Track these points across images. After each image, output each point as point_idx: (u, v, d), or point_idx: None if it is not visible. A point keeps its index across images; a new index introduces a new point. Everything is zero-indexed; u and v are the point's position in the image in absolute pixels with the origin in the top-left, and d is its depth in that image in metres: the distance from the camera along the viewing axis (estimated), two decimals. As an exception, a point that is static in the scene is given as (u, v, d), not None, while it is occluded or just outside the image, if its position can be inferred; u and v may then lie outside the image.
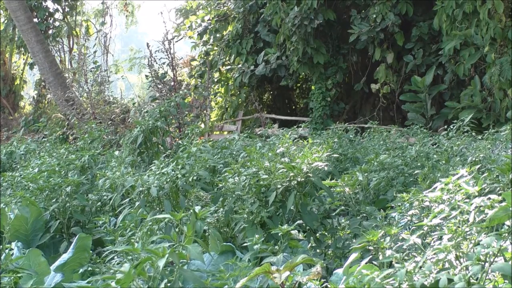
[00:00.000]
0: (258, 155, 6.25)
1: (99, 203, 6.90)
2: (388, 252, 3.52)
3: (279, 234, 4.55)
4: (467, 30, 15.45)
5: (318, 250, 5.56)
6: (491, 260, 2.93)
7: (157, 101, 15.03)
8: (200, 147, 7.04)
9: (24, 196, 6.60)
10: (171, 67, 16.09)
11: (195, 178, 5.97)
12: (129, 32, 35.55)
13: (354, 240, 5.33)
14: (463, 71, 16.11)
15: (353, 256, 3.60)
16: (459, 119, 10.11)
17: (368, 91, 19.29)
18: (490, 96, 15.65)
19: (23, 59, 28.10)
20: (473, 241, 3.12)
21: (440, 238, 3.32)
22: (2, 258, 4.33)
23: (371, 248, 3.65)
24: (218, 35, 23.02)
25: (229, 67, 22.32)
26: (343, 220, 5.98)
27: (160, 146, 9.00)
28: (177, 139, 11.90)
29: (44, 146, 11.38)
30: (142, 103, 16.77)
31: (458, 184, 3.51)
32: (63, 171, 7.33)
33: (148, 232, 4.70)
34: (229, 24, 22.80)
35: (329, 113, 19.24)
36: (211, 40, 23.36)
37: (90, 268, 5.09)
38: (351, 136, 10.94)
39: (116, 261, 4.66)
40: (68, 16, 26.94)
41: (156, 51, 16.24)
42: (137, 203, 5.83)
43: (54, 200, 6.67)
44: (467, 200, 3.34)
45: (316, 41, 18.61)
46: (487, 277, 2.96)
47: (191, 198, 6.40)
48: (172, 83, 15.67)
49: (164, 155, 8.45)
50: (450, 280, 2.94)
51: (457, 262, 3.11)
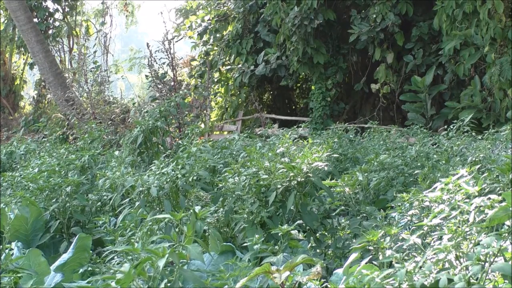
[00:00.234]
0: (258, 155, 6.25)
1: (99, 203, 6.90)
2: (388, 252, 3.52)
3: (279, 234, 4.55)
4: (467, 30, 15.45)
5: (318, 250, 5.55)
6: (491, 260, 2.93)
7: (157, 101, 15.03)
8: (200, 147, 7.04)
9: (24, 196, 6.60)
10: (171, 67, 16.08)
11: (195, 178, 5.97)
12: (129, 32, 35.56)
13: (354, 240, 5.33)
14: (463, 71, 16.11)
15: (353, 256, 3.60)
16: (459, 119, 10.11)
17: (368, 91, 19.29)
18: (490, 96, 15.65)
19: (23, 59, 28.10)
20: (473, 241, 3.12)
21: (440, 238, 3.32)
22: (2, 258, 4.33)
23: (371, 248, 3.65)
24: (218, 35, 23.02)
25: (229, 67, 22.31)
26: (343, 220, 5.97)
27: (160, 146, 9.00)
28: (177, 139, 11.89)
29: (44, 146, 11.38)
30: (142, 103, 16.76)
31: (458, 184, 3.51)
32: (63, 171, 7.33)
33: (148, 232, 4.70)
34: (229, 24, 22.80)
35: (329, 113, 19.24)
36: (211, 40, 23.36)
37: (90, 268, 5.09)
38: (351, 136, 10.94)
39: (116, 261, 4.66)
40: (68, 16, 26.94)
41: (156, 51, 16.23)
42: (137, 203, 5.83)
43: (54, 200, 6.67)
44: (467, 200, 3.34)
45: (316, 41, 18.61)
46: (487, 277, 2.96)
47: (191, 198, 6.40)
48: (172, 83, 15.66)
49: (164, 155, 8.44)
50: (450, 280, 2.94)
51: (457, 262, 3.11)
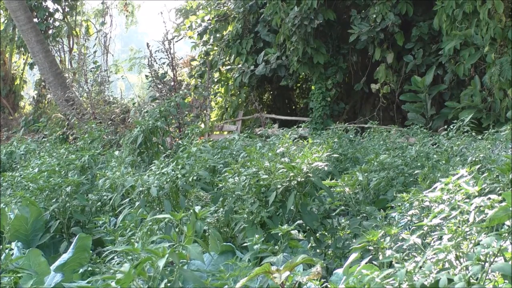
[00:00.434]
0: (258, 155, 6.25)
1: (99, 203, 6.90)
2: (388, 252, 3.52)
3: (279, 234, 4.55)
4: (467, 30, 15.45)
5: (318, 250, 5.55)
6: (491, 260, 2.93)
7: (157, 101, 15.02)
8: (200, 147, 7.04)
9: (24, 196, 6.59)
10: (171, 67, 16.08)
11: (195, 178, 5.97)
12: (129, 32, 35.55)
13: (354, 240, 5.33)
14: (463, 71, 16.11)
15: (353, 256, 3.60)
16: (459, 119, 10.11)
17: (368, 91, 19.28)
18: (490, 96, 15.65)
19: (23, 59, 28.10)
20: (473, 241, 3.12)
21: (440, 238, 3.31)
22: (2, 258, 4.33)
23: (371, 248, 3.65)
24: (218, 35, 23.02)
25: (229, 67, 22.31)
26: (343, 220, 5.97)
27: (160, 146, 9.00)
28: (177, 139, 11.89)
29: (44, 146, 11.38)
30: (142, 103, 16.76)
31: (458, 184, 3.51)
32: (63, 171, 7.33)
33: (148, 232, 4.70)
34: (229, 24, 22.80)
35: (329, 113, 19.24)
36: (211, 40, 23.36)
37: (90, 268, 5.09)
38: (351, 136, 10.94)
39: (116, 261, 4.66)
40: (68, 16, 26.94)
41: (156, 51, 16.23)
42: (137, 203, 5.83)
43: (54, 200, 6.67)
44: (467, 200, 3.34)
45: (316, 41, 18.61)
46: (487, 277, 2.95)
47: (191, 198, 6.40)
48: (172, 83, 15.66)
49: (164, 155, 8.44)
50: (450, 280, 2.94)
51: (457, 262, 3.11)
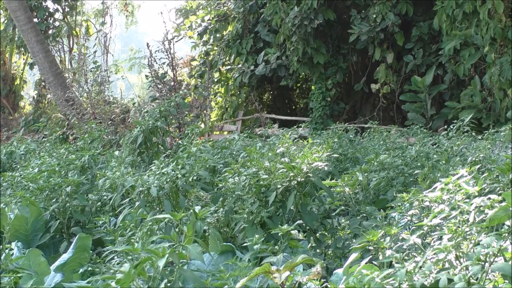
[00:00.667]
0: (258, 155, 6.25)
1: (99, 203, 6.90)
2: (388, 252, 3.52)
3: (279, 234, 4.55)
4: (467, 30, 15.45)
5: (318, 250, 5.55)
6: (491, 260, 2.93)
7: (157, 101, 15.02)
8: (200, 147, 7.04)
9: (24, 196, 6.59)
10: (171, 67, 16.07)
11: (195, 178, 5.97)
12: (129, 32, 35.55)
13: (354, 240, 5.33)
14: (463, 71, 16.10)
15: (353, 256, 3.60)
16: (459, 119, 10.11)
17: (368, 91, 19.28)
18: (490, 96, 15.65)
19: (23, 59, 28.10)
20: (473, 241, 3.12)
21: (440, 238, 3.31)
22: (2, 258, 4.33)
23: (371, 248, 3.65)
24: (218, 35, 23.02)
25: (229, 67, 22.31)
26: (343, 220, 5.97)
27: (160, 146, 9.00)
28: (177, 139, 11.89)
29: (44, 146, 11.38)
30: (142, 103, 16.76)
31: (458, 184, 3.51)
32: (63, 171, 7.33)
33: (148, 232, 4.70)
34: (229, 24, 22.80)
35: (329, 113, 19.24)
36: (211, 40, 23.36)
37: (90, 268, 5.09)
38: (351, 136, 10.93)
39: (116, 261, 4.66)
40: (68, 16, 26.94)
41: (156, 51, 16.23)
42: (137, 203, 5.83)
43: (54, 200, 6.67)
44: (467, 200, 3.34)
45: (316, 41, 18.61)
46: (487, 277, 2.95)
47: (191, 198, 6.40)
48: (172, 83, 15.66)
49: (164, 155, 8.44)
50: (450, 280, 2.94)
51: (457, 262, 3.11)
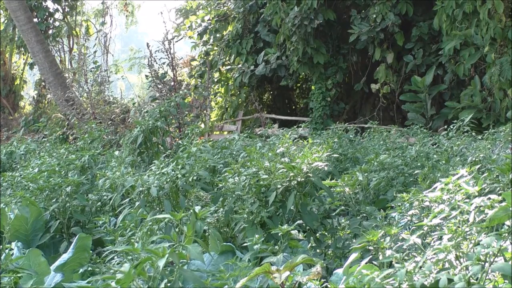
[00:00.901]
0: (258, 155, 6.25)
1: (99, 203, 6.90)
2: (388, 252, 3.52)
3: (279, 234, 4.54)
4: (467, 30, 15.44)
5: (318, 250, 5.55)
6: (491, 260, 2.93)
7: (157, 101, 15.02)
8: (200, 147, 7.04)
9: (24, 196, 6.59)
10: (171, 67, 16.07)
11: (195, 178, 5.97)
12: (129, 32, 35.55)
13: (354, 240, 5.33)
14: (463, 71, 16.10)
15: (353, 256, 3.60)
16: (459, 119, 10.11)
17: (368, 91, 19.28)
18: (490, 96, 15.65)
19: (23, 59, 28.10)
20: (473, 241, 3.12)
21: (440, 238, 3.31)
22: (2, 258, 4.33)
23: (371, 248, 3.65)
24: (218, 35, 23.02)
25: (229, 67, 22.31)
26: (343, 220, 5.97)
27: (160, 146, 9.00)
28: (177, 139, 11.89)
29: (44, 146, 11.38)
30: (142, 103, 16.76)
31: (458, 184, 3.51)
32: (63, 171, 7.33)
33: (148, 232, 4.70)
34: (229, 24, 22.80)
35: (329, 113, 19.24)
36: (211, 40, 23.35)
37: (90, 268, 5.09)
38: (351, 136, 10.93)
39: (116, 261, 4.66)
40: (68, 16, 26.94)
41: (156, 51, 16.23)
42: (137, 203, 5.83)
43: (54, 200, 6.67)
44: (467, 200, 3.34)
45: (316, 41, 18.61)
46: (487, 277, 2.95)
47: (191, 198, 6.40)
48: (172, 83, 15.66)
49: (164, 155, 8.44)
50: (450, 280, 2.94)
51: (457, 262, 3.10)
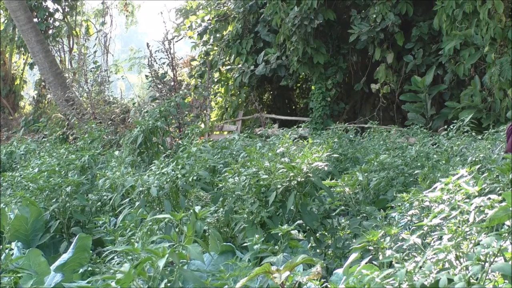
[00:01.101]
0: (258, 155, 6.25)
1: (99, 203, 6.89)
2: (388, 252, 3.52)
3: (279, 234, 4.54)
4: (467, 30, 15.45)
5: (318, 250, 5.55)
6: (491, 260, 2.93)
7: (157, 101, 15.02)
8: (200, 147, 7.04)
9: (24, 196, 6.59)
10: (171, 67, 16.07)
11: (195, 178, 5.97)
12: (129, 32, 35.55)
13: (354, 240, 5.32)
14: (463, 71, 16.11)
15: (353, 256, 3.59)
16: (459, 119, 10.12)
17: (368, 91, 19.28)
18: (490, 96, 15.65)
19: (23, 59, 28.10)
20: (473, 241, 3.11)
21: (440, 238, 3.31)
22: (2, 258, 4.33)
23: (371, 248, 3.65)
24: (218, 35, 23.02)
25: (229, 67, 22.31)
26: (343, 220, 5.97)
27: (160, 146, 9.00)
28: (177, 139, 11.89)
29: (44, 146, 11.38)
30: (142, 103, 16.76)
31: (458, 184, 3.50)
32: (63, 171, 7.33)
33: (148, 232, 4.70)
34: (229, 24, 22.80)
35: (329, 113, 19.24)
36: (211, 40, 23.36)
37: (90, 268, 5.08)
38: (351, 136, 10.93)
39: (116, 261, 4.66)
40: (68, 16, 26.94)
41: (156, 51, 16.23)
42: (137, 203, 5.83)
43: (54, 200, 6.66)
44: (467, 200, 3.34)
45: (316, 41, 18.61)
46: (487, 277, 2.95)
47: (191, 198, 6.40)
48: (172, 83, 15.66)
49: (164, 155, 8.44)
50: (450, 280, 2.94)
51: (457, 262, 3.10)
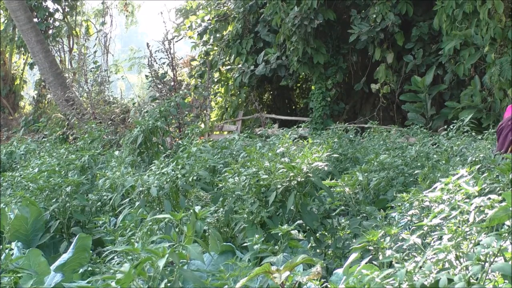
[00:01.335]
0: (258, 155, 6.24)
1: (99, 203, 6.89)
2: (388, 252, 3.52)
3: (279, 234, 4.54)
4: (467, 30, 15.44)
5: (318, 250, 5.55)
6: (491, 260, 2.93)
7: (157, 101, 15.01)
8: (200, 147, 7.04)
9: (24, 196, 6.59)
10: (171, 67, 16.06)
11: (195, 178, 5.96)
12: (129, 32, 35.57)
13: (354, 240, 5.32)
14: (463, 71, 16.10)
15: (353, 256, 3.59)
16: (459, 119, 10.11)
17: (368, 91, 19.28)
18: (490, 96, 15.65)
19: (23, 59, 28.10)
20: (473, 241, 3.11)
21: (440, 238, 3.31)
22: (2, 258, 4.33)
23: (371, 248, 3.65)
24: (218, 35, 23.02)
25: (229, 67, 22.31)
26: (343, 220, 5.97)
27: (160, 146, 9.00)
28: (177, 139, 11.89)
29: (44, 146, 11.37)
30: (142, 103, 16.76)
31: (458, 184, 3.50)
32: (63, 171, 7.33)
33: (148, 232, 4.70)
34: (229, 24, 22.80)
35: (329, 113, 19.24)
36: (211, 40, 23.35)
37: (90, 268, 5.08)
38: (351, 136, 10.93)
39: (116, 261, 4.65)
40: (68, 16, 26.94)
41: (156, 51, 16.22)
42: (137, 203, 5.82)
43: (54, 200, 6.66)
44: (467, 200, 3.33)
45: (316, 41, 18.61)
46: (487, 277, 2.95)
47: (191, 198, 6.40)
48: (172, 83, 15.65)
49: (164, 155, 8.44)
50: (450, 280, 2.94)
51: (457, 262, 3.10)
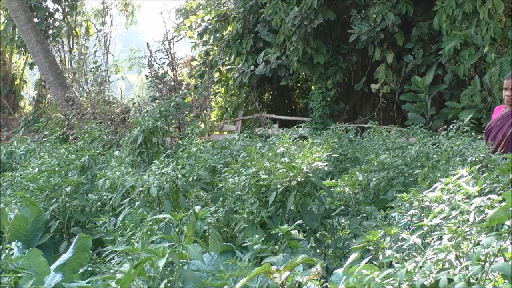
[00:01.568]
0: (258, 155, 6.24)
1: (99, 203, 6.89)
2: (388, 252, 3.52)
3: (279, 234, 4.54)
4: (467, 30, 15.44)
5: (318, 250, 5.55)
6: (491, 260, 2.93)
7: (157, 101, 15.01)
8: (200, 147, 7.04)
9: (24, 196, 6.59)
10: (171, 67, 16.06)
11: (195, 178, 5.96)
12: (129, 32, 35.58)
13: (354, 240, 5.32)
14: (463, 71, 16.10)
15: (353, 256, 3.59)
16: (459, 119, 10.10)
17: (368, 91, 19.28)
18: (490, 96, 15.65)
19: (23, 59, 28.11)
20: (473, 241, 3.11)
21: (440, 238, 3.31)
22: (2, 258, 4.33)
23: (371, 248, 3.65)
24: (218, 35, 23.02)
25: (229, 67, 22.31)
26: (343, 220, 5.97)
27: (160, 146, 8.99)
28: (177, 139, 11.89)
29: (44, 146, 11.36)
30: (142, 103, 16.75)
31: (458, 184, 3.50)
32: (63, 171, 7.32)
33: (148, 232, 4.70)
34: (229, 24, 22.80)
35: (329, 113, 19.24)
36: (211, 40, 23.36)
37: (90, 268, 5.08)
38: (351, 136, 10.91)
39: (116, 261, 4.65)
40: (68, 16, 26.94)
41: (156, 51, 16.22)
42: (137, 203, 5.82)
43: (54, 200, 6.66)
44: (467, 200, 3.33)
45: (316, 41, 18.61)
46: (487, 277, 2.95)
47: (191, 198, 6.40)
48: (172, 83, 15.65)
49: (164, 155, 8.43)
50: (450, 280, 2.94)
51: (457, 262, 3.10)
